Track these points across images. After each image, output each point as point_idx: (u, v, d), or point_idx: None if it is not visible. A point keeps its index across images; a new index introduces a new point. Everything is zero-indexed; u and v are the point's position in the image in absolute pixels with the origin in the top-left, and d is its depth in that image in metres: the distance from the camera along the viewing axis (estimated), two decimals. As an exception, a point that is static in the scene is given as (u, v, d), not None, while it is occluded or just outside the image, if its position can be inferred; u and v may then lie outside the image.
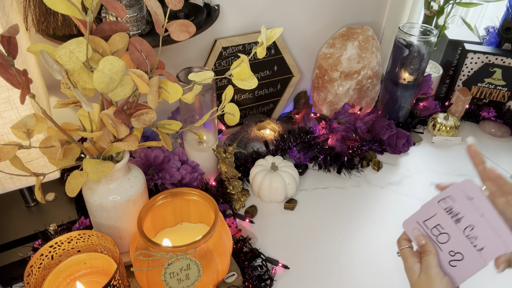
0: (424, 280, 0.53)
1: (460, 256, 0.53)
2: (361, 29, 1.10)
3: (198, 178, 0.87)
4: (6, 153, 0.51)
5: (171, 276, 0.57)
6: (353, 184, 0.97)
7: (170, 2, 0.52)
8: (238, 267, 0.74)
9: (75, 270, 0.64)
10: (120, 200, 0.63)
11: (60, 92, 0.85)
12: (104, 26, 0.53)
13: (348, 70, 1.07)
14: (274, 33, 0.57)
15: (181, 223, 0.74)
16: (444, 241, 0.54)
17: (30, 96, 0.48)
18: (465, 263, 0.53)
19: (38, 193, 0.56)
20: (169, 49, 0.91)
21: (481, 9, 1.42)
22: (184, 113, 0.85)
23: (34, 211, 0.79)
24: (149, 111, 0.56)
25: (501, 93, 1.17)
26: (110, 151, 0.60)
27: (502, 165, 1.03)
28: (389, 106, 1.13)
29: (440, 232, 0.55)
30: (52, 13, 0.69)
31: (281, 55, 1.05)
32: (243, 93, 1.06)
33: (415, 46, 1.01)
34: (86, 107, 0.49)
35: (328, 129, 1.03)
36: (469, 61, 1.15)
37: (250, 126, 1.05)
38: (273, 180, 0.86)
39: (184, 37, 0.56)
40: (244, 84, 0.60)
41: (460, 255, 0.53)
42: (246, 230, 0.83)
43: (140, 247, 0.59)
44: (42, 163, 0.65)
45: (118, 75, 0.49)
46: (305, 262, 0.77)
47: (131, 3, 0.72)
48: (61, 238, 0.60)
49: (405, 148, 1.07)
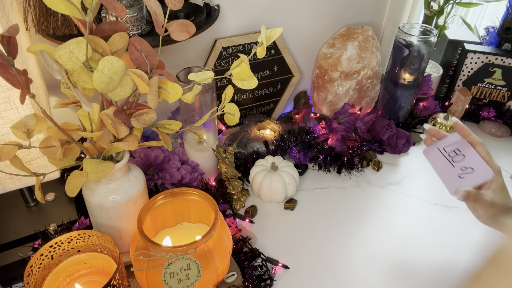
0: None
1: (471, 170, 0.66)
2: (361, 29, 1.10)
3: (198, 178, 0.87)
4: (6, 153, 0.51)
5: (171, 276, 0.57)
6: (353, 184, 0.97)
7: (170, 2, 0.52)
8: (238, 267, 0.74)
9: (75, 270, 0.64)
10: (120, 200, 0.63)
11: (60, 92, 0.85)
12: (104, 26, 0.53)
13: (348, 70, 1.07)
14: (274, 33, 0.57)
15: (181, 223, 0.74)
16: (459, 161, 0.67)
17: (30, 96, 0.48)
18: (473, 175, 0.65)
19: (38, 193, 0.56)
20: (169, 49, 0.91)
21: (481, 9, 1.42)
22: (184, 113, 0.85)
23: (34, 211, 0.79)
24: (149, 111, 0.56)
25: (501, 93, 1.17)
26: (110, 151, 0.60)
27: (502, 165, 1.03)
28: (389, 106, 1.13)
29: (456, 154, 0.68)
30: (52, 13, 0.69)
31: (281, 55, 1.05)
32: (243, 93, 1.06)
33: (415, 46, 1.01)
34: (86, 107, 0.49)
35: (328, 129, 1.03)
36: (469, 61, 1.15)
37: (250, 126, 1.05)
38: (273, 180, 0.86)
39: (184, 37, 0.56)
40: (244, 84, 0.60)
41: (471, 169, 0.66)
42: (246, 230, 0.83)
43: (140, 247, 0.59)
44: (42, 163, 0.65)
45: (118, 75, 0.49)
46: (305, 262, 0.77)
47: (131, 3, 0.72)
48: (61, 238, 0.60)
49: (405, 148, 1.07)
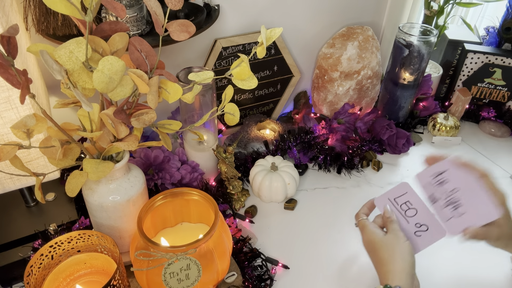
0: (391, 238, 0.60)
1: (425, 227, 0.63)
2: (361, 29, 1.10)
3: (198, 178, 0.87)
4: (6, 153, 0.51)
5: (171, 276, 0.57)
6: (353, 184, 0.97)
7: (170, 2, 0.52)
8: (238, 267, 0.74)
9: (75, 270, 0.64)
10: (120, 200, 0.63)
11: (60, 92, 0.85)
12: (104, 26, 0.53)
13: (348, 70, 1.07)
14: (274, 33, 0.57)
15: (181, 223, 0.74)
16: (412, 215, 0.64)
17: (30, 96, 0.48)
18: (428, 233, 0.63)
19: (38, 193, 0.56)
20: (169, 49, 0.91)
21: (481, 9, 1.42)
22: (184, 113, 0.85)
23: (34, 211, 0.79)
24: (149, 111, 0.56)
25: (501, 93, 1.17)
26: (110, 151, 0.60)
27: (502, 165, 1.03)
28: (389, 106, 1.13)
29: (409, 208, 0.65)
30: (52, 13, 0.69)
31: (281, 55, 1.05)
32: (243, 93, 1.06)
33: (415, 46, 1.01)
34: (86, 107, 0.49)
35: (328, 129, 1.03)
36: (469, 61, 1.15)
37: (250, 126, 1.05)
38: (273, 180, 0.86)
39: (184, 37, 0.56)
40: (244, 84, 0.60)
41: (425, 227, 0.63)
42: (246, 230, 0.83)
43: (140, 247, 0.59)
44: (42, 163, 0.65)
45: (117, 75, 0.49)
46: (305, 262, 0.77)
47: (131, 3, 0.72)
48: (61, 238, 0.60)
49: (405, 148, 1.07)
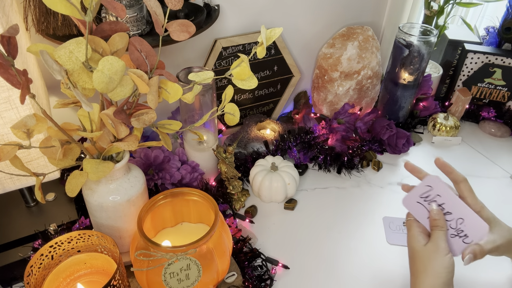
0: (431, 249, 0.55)
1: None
2: (361, 29, 1.10)
3: (198, 178, 0.87)
4: (6, 153, 0.51)
5: (171, 276, 0.57)
6: (353, 184, 0.97)
7: (170, 2, 0.52)
8: (238, 267, 0.73)
9: (75, 270, 0.64)
10: (120, 200, 0.63)
11: (60, 92, 0.85)
12: (104, 26, 0.53)
13: (348, 70, 1.07)
14: (274, 33, 0.57)
15: (181, 223, 0.74)
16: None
17: (30, 96, 0.48)
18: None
19: (38, 193, 0.56)
20: (169, 49, 0.91)
21: (481, 9, 1.42)
22: (184, 113, 0.85)
23: (34, 211, 0.79)
24: (149, 111, 0.56)
25: (501, 93, 1.17)
26: (110, 151, 0.60)
27: (502, 165, 1.03)
28: (389, 106, 1.13)
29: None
30: (52, 13, 0.69)
31: (281, 55, 1.05)
32: (243, 93, 1.06)
33: (415, 46, 1.01)
34: (86, 107, 0.49)
35: (328, 129, 1.03)
36: (469, 61, 1.15)
37: (250, 126, 1.05)
38: (273, 180, 0.86)
39: (184, 37, 0.56)
40: (244, 84, 0.60)
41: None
42: (246, 230, 0.83)
43: (140, 247, 0.59)
44: (42, 163, 0.65)
45: (117, 75, 0.49)
46: (305, 262, 0.77)
47: (131, 3, 0.72)
48: (61, 238, 0.60)
49: (405, 148, 1.07)
